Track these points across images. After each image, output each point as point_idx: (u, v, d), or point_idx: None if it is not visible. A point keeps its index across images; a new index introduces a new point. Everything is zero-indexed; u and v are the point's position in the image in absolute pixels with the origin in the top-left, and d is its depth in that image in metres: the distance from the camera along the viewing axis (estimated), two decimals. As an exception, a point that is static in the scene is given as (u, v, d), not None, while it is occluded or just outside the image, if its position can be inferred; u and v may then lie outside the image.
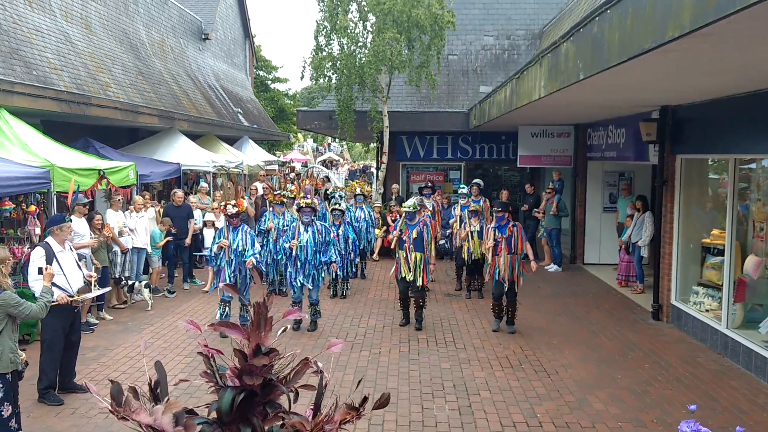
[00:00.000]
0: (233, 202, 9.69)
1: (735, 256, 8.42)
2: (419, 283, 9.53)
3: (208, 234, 12.47)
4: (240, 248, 9.27)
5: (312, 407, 2.03)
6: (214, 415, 1.93)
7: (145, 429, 1.85)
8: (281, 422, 1.94)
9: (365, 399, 2.02)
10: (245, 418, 1.89)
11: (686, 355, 8.47)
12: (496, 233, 9.46)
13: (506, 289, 9.48)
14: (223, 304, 9.30)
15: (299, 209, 9.80)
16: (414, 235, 9.51)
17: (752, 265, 8.12)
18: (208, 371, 2.00)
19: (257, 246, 9.56)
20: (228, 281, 9.13)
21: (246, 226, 9.59)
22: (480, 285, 11.86)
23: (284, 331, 2.08)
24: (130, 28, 18.70)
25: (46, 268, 6.09)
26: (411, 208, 9.68)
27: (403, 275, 9.60)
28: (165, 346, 8.78)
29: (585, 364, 8.10)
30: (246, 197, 15.43)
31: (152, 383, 1.98)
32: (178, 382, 3.03)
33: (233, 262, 9.29)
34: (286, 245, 9.66)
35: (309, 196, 10.35)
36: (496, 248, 9.42)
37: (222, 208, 9.77)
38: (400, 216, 10.09)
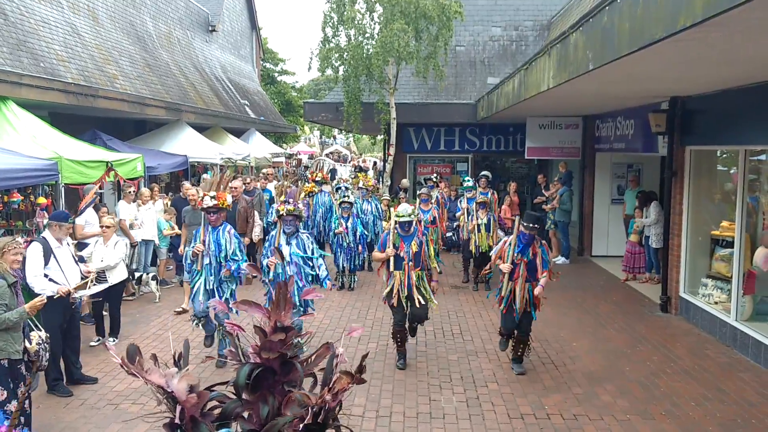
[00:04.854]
0: (212, 193, 7.67)
1: (744, 248, 8.36)
2: (423, 304, 7.62)
3: (98, 252, 8.40)
4: (223, 252, 7.61)
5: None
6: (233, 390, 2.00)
7: (155, 389, 1.94)
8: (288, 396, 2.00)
9: (362, 367, 2.10)
10: (264, 397, 1.94)
11: (695, 348, 8.44)
12: (515, 253, 7.30)
13: (518, 322, 7.46)
14: (197, 319, 7.78)
15: (279, 217, 7.88)
16: (414, 248, 7.53)
17: (762, 257, 8.07)
18: (233, 349, 2.07)
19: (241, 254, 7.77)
20: (202, 295, 7.60)
21: (228, 226, 7.80)
22: (487, 277, 11.83)
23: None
24: (137, 19, 18.70)
25: (40, 300, 5.70)
26: (406, 217, 7.53)
27: (400, 302, 7.56)
28: (173, 338, 8.80)
29: (593, 357, 8.08)
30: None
31: (176, 355, 2.06)
32: (205, 360, 2.95)
33: (211, 268, 7.60)
34: (265, 262, 7.84)
35: (292, 200, 8.19)
36: (512, 272, 7.33)
37: (199, 199, 7.72)
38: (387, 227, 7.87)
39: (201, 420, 1.92)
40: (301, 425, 1.93)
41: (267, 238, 8.55)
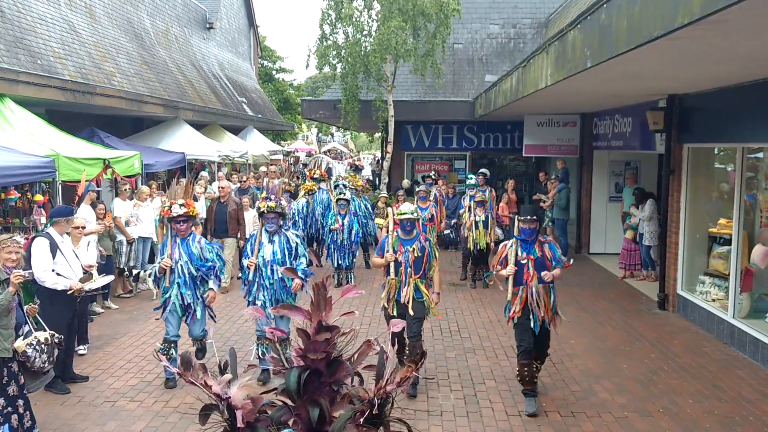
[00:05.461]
0: (180, 201, 6.94)
1: (742, 245, 8.38)
2: (416, 317, 6.78)
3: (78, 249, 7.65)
4: (196, 262, 6.95)
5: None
6: (281, 397, 2.00)
7: (211, 394, 1.98)
8: (344, 393, 2.02)
9: (424, 353, 2.19)
10: (312, 400, 1.95)
11: (692, 345, 8.45)
12: (520, 253, 6.52)
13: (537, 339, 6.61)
14: (167, 343, 6.96)
15: (261, 215, 7.14)
16: (415, 254, 6.80)
17: (759, 254, 8.09)
18: (275, 355, 2.07)
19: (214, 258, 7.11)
20: (176, 309, 6.95)
21: (197, 236, 7.12)
22: (485, 276, 11.85)
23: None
24: (135, 17, 18.66)
25: (15, 275, 5.49)
26: (408, 214, 6.92)
27: (394, 312, 6.85)
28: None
29: (590, 354, 8.09)
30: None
31: (222, 365, 2.08)
32: (248, 368, 2.74)
33: (184, 281, 6.90)
34: (245, 262, 7.13)
35: (274, 197, 7.26)
36: (521, 275, 6.49)
37: (166, 209, 7.02)
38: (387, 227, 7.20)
39: (258, 425, 1.94)
40: (361, 419, 1.95)
41: (248, 238, 7.86)
